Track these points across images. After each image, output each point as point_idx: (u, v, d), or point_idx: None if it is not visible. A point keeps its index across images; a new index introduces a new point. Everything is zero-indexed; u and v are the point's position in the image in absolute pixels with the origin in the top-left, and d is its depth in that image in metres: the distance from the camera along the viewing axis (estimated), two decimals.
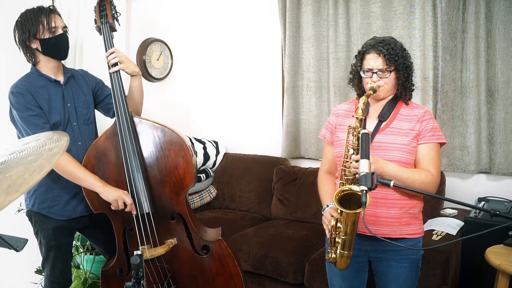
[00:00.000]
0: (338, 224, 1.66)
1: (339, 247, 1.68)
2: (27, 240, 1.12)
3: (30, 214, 2.20)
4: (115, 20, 2.26)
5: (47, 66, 2.12)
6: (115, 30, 2.27)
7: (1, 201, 0.85)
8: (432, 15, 2.90)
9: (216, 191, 3.70)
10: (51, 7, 2.11)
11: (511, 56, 2.73)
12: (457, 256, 2.49)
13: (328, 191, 1.89)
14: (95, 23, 2.25)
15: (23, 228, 2.42)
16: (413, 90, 1.85)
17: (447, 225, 2.56)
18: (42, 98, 2.06)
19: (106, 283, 2.23)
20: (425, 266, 2.26)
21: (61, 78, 2.17)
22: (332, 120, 1.95)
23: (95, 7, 2.25)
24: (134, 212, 2.11)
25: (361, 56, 1.81)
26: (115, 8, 2.27)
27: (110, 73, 2.16)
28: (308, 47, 3.39)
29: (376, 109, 1.84)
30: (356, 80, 1.87)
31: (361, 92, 1.88)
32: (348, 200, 1.59)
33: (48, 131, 1.91)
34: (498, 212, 1.38)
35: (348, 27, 3.23)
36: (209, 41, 3.96)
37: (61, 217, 2.16)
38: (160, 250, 2.14)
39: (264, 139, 3.78)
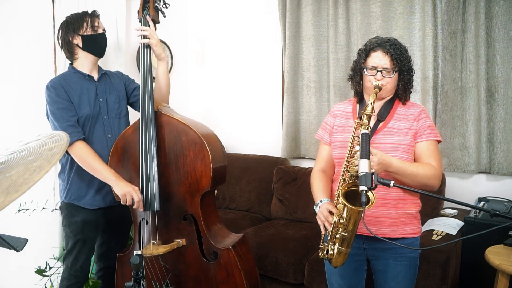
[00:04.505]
0: (341, 220, 1.64)
1: (337, 243, 1.66)
2: (27, 240, 1.12)
3: (62, 207, 2.31)
4: (159, 12, 2.32)
5: (84, 63, 2.25)
6: (158, 22, 2.33)
7: (1, 201, 0.85)
8: (432, 15, 2.90)
9: (216, 191, 3.70)
10: (95, 11, 2.29)
11: (511, 56, 2.73)
12: (457, 256, 2.49)
13: (322, 187, 1.88)
14: (138, 14, 2.32)
15: (23, 228, 2.42)
16: (411, 92, 1.85)
17: (447, 225, 2.56)
18: (74, 92, 2.18)
19: (121, 268, 2.30)
20: (425, 266, 2.26)
21: (95, 75, 2.29)
22: (330, 121, 1.95)
23: (141, 0, 2.31)
24: (141, 209, 2.14)
25: (366, 53, 1.79)
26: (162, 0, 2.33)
27: (139, 47, 2.24)
28: (308, 47, 3.39)
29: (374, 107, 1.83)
30: (357, 77, 1.85)
31: (360, 89, 1.87)
32: (353, 197, 1.59)
33: (74, 124, 2.11)
34: (498, 212, 1.38)
35: (348, 27, 3.23)
36: (209, 41, 3.96)
37: (91, 207, 2.24)
38: (160, 250, 2.12)
39: (264, 139, 3.78)
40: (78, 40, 2.21)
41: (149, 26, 2.26)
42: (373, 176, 1.44)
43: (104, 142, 2.24)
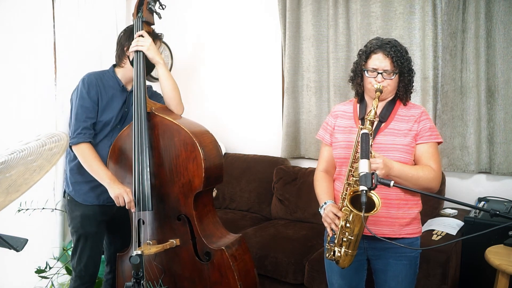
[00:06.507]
0: (347, 224, 1.66)
1: (344, 246, 1.69)
2: (27, 240, 1.12)
3: (66, 205, 2.35)
4: (154, 13, 2.33)
5: (125, 74, 2.29)
6: (152, 24, 2.34)
7: (1, 201, 0.85)
8: (432, 15, 2.89)
9: (216, 191, 3.69)
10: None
11: (511, 56, 2.73)
12: (457, 256, 2.49)
13: (325, 189, 1.89)
14: (132, 16, 2.32)
15: (23, 228, 2.43)
16: (411, 93, 1.86)
17: (447, 225, 2.56)
18: (105, 95, 2.23)
19: (120, 266, 2.31)
20: (425, 266, 2.26)
21: (129, 87, 2.32)
22: (331, 122, 1.95)
23: (136, 3, 2.32)
24: (133, 210, 2.15)
25: (366, 55, 1.80)
26: (158, 0, 2.34)
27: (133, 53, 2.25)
28: (308, 47, 3.39)
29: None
30: (358, 78, 1.85)
31: (361, 91, 1.88)
32: (359, 202, 1.59)
33: (88, 126, 2.18)
34: (498, 212, 1.38)
35: (348, 27, 3.23)
36: (209, 41, 3.96)
37: (85, 202, 2.27)
38: (152, 250, 2.11)
39: (264, 139, 3.77)
40: (130, 54, 2.24)
41: (143, 30, 2.26)
42: (373, 176, 1.45)
43: (107, 148, 2.27)
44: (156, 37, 2.30)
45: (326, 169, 1.97)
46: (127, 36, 2.27)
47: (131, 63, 2.24)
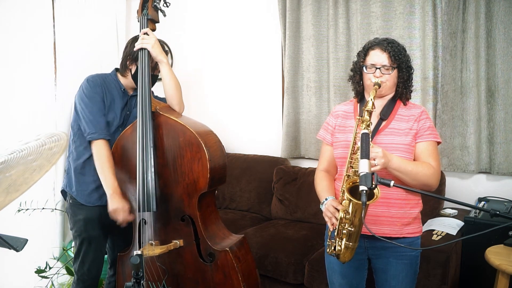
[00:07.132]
0: (347, 216, 1.65)
1: (345, 239, 1.67)
2: (27, 240, 1.12)
3: (68, 208, 2.33)
4: (159, 11, 2.33)
5: (127, 83, 2.32)
6: (157, 22, 2.35)
7: (1, 200, 0.85)
8: (432, 15, 2.90)
9: (216, 191, 3.69)
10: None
11: (511, 56, 2.73)
12: (457, 256, 2.49)
13: (326, 187, 1.89)
14: (137, 14, 2.32)
15: (23, 228, 2.42)
16: (411, 91, 1.87)
17: (447, 225, 2.56)
18: (109, 95, 2.25)
19: (121, 266, 2.30)
20: (425, 266, 2.26)
21: (130, 92, 2.35)
22: (332, 122, 1.96)
23: (141, 0, 2.32)
24: (123, 225, 2.15)
25: (365, 52, 1.82)
26: None
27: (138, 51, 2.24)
28: (308, 47, 3.39)
29: (376, 106, 1.84)
30: (357, 76, 1.87)
31: (361, 89, 1.88)
32: (358, 192, 1.59)
33: (102, 121, 2.18)
34: (498, 212, 1.38)
35: (348, 27, 3.23)
36: (209, 41, 3.96)
37: (88, 203, 2.25)
38: (156, 251, 2.11)
39: (264, 139, 3.78)
40: (132, 68, 2.26)
41: (147, 26, 2.27)
42: (373, 176, 1.45)
43: (110, 148, 2.26)
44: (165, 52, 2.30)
45: (327, 169, 1.98)
46: (131, 47, 2.24)
47: (133, 77, 2.25)
